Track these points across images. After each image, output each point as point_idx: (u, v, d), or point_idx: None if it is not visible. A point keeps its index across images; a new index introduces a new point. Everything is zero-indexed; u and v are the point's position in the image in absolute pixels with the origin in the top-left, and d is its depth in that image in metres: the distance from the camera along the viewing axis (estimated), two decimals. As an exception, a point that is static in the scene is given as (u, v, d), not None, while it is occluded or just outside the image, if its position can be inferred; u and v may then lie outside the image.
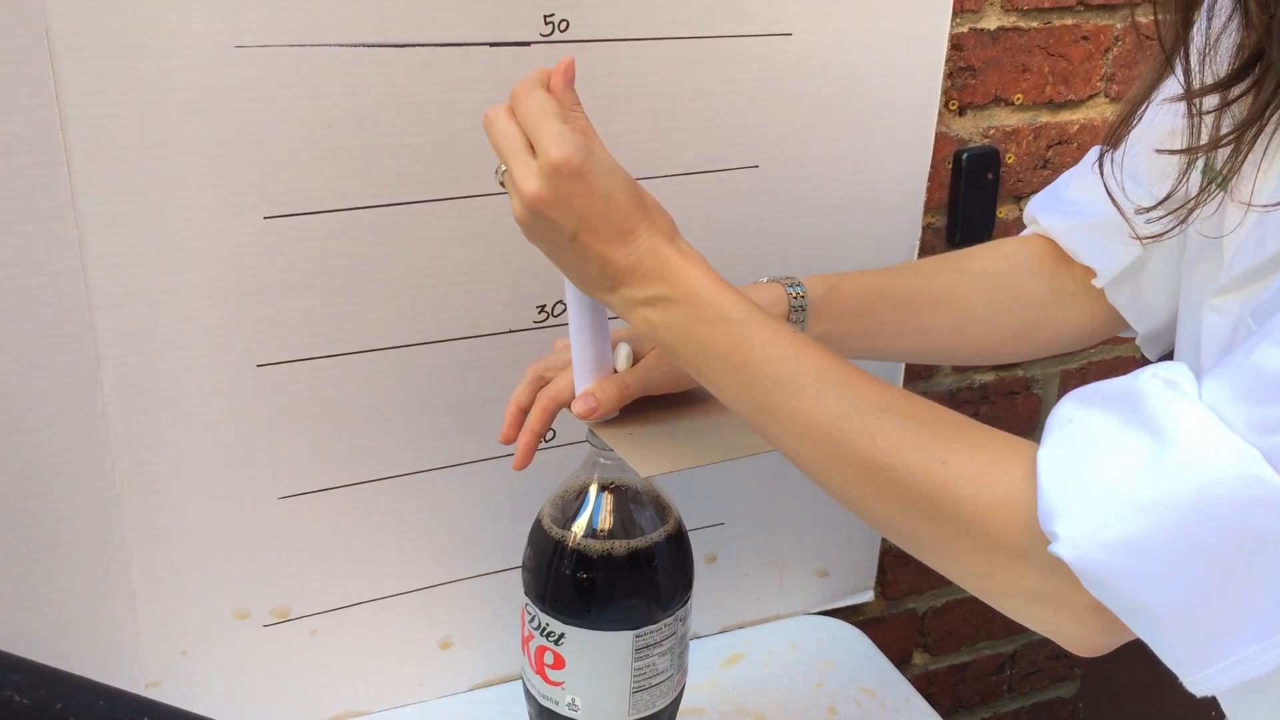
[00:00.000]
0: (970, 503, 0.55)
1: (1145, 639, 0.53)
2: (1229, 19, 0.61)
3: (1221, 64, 0.60)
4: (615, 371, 0.74)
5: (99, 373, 0.80)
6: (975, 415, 1.20)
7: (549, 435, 0.96)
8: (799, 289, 0.77)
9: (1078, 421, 0.54)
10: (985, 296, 0.83)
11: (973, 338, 0.83)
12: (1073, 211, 0.81)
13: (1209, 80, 0.60)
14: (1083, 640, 0.56)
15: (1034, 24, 1.06)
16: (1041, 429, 1.01)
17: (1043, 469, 0.53)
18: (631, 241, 0.64)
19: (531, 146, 0.63)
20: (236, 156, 0.78)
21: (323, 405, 0.87)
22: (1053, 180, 0.87)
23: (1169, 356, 0.81)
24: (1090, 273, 0.81)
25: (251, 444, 0.86)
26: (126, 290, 0.78)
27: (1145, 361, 0.84)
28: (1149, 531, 0.50)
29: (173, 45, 0.74)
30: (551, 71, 0.67)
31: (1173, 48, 0.61)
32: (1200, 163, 0.65)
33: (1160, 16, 0.61)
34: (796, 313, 0.77)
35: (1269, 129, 0.59)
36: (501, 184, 0.67)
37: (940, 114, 1.04)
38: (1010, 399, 1.22)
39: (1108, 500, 0.51)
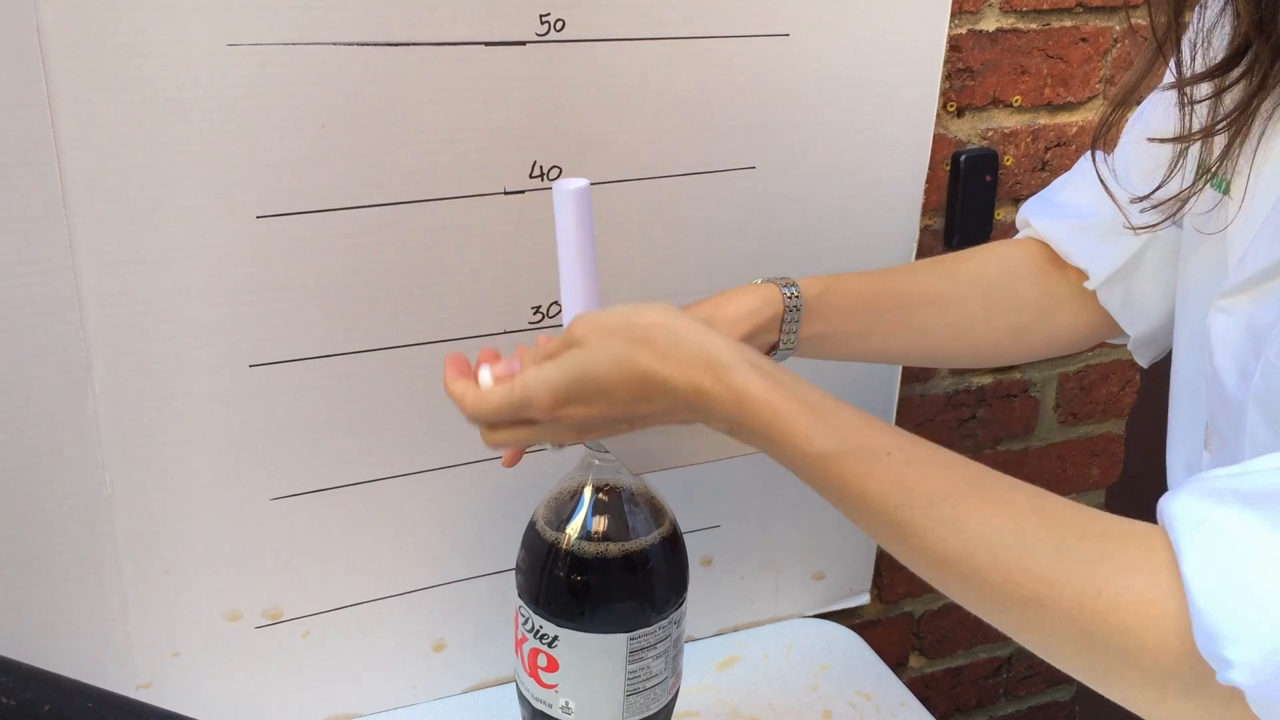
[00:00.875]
0: (1137, 635, 0.50)
1: None
2: (1221, 11, 0.62)
3: (1215, 54, 0.61)
4: None
5: (90, 373, 0.79)
6: (972, 418, 1.19)
7: (544, 437, 0.96)
8: (794, 289, 0.77)
9: (1213, 524, 0.49)
10: (980, 299, 0.82)
11: (967, 340, 0.83)
12: (1065, 214, 0.82)
13: (1201, 70, 0.60)
14: None
15: (1033, 26, 1.06)
16: (1040, 431, 1.01)
17: (1194, 588, 0.48)
18: (658, 397, 0.62)
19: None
20: (229, 155, 0.78)
21: (316, 406, 0.87)
22: (1051, 182, 0.87)
23: (1164, 362, 0.81)
24: (1083, 275, 0.81)
25: (244, 445, 0.85)
26: (118, 290, 0.78)
27: (1140, 366, 0.85)
28: None
29: (165, 43, 0.74)
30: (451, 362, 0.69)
31: (1164, 36, 0.61)
32: (1193, 155, 0.65)
33: (1155, 14, 0.61)
34: (791, 313, 0.76)
35: (1260, 119, 0.60)
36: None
37: (938, 115, 1.03)
38: (1008, 402, 1.22)
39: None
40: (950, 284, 0.83)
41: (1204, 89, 0.61)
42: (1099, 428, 1.29)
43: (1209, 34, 0.62)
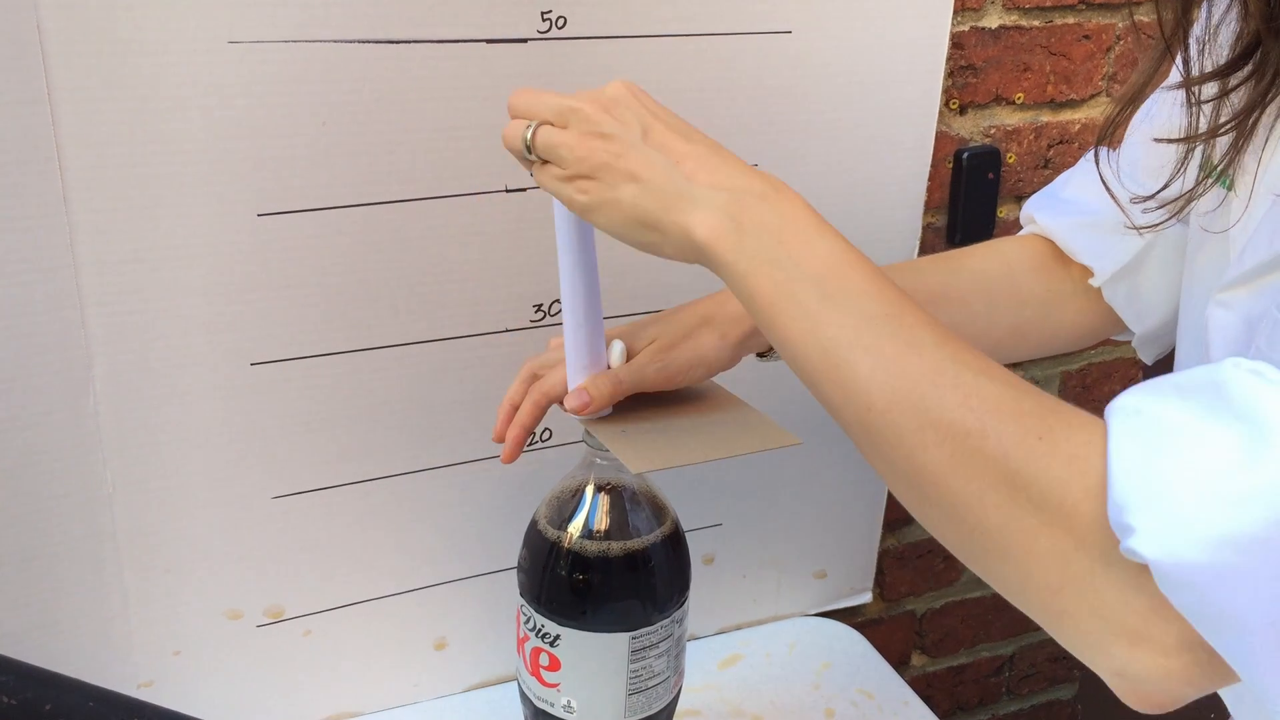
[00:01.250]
0: (1062, 485, 0.49)
1: (1231, 660, 0.47)
2: (1228, 9, 0.61)
3: (1221, 53, 0.60)
4: (609, 368, 0.74)
5: (91, 371, 0.79)
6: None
7: (545, 435, 0.96)
8: None
9: (1149, 411, 0.49)
10: (982, 295, 0.82)
11: (970, 337, 0.82)
12: (1070, 210, 0.81)
13: (1208, 69, 0.60)
14: (1158, 686, 0.49)
15: (1035, 23, 1.06)
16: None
17: (1115, 457, 0.48)
18: (705, 140, 0.61)
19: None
20: (230, 153, 0.78)
21: (317, 404, 0.86)
22: (1053, 180, 0.87)
23: (1167, 359, 0.81)
24: (1087, 272, 0.81)
25: (245, 443, 0.85)
26: (119, 288, 0.78)
27: (1144, 364, 0.85)
28: (1247, 527, 0.44)
29: (165, 41, 0.74)
30: None
31: (1171, 35, 0.61)
32: (1198, 155, 0.65)
33: (1162, 11, 0.61)
34: None
35: (1267, 119, 0.59)
36: (528, 147, 0.64)
37: (941, 113, 1.03)
38: (1010, 400, 1.22)
39: (1197, 492, 0.45)
40: (952, 281, 0.83)
41: (1210, 88, 0.61)
42: (1101, 426, 1.29)
43: (1215, 32, 0.61)
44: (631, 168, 0.61)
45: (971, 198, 1.09)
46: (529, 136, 0.64)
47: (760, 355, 0.80)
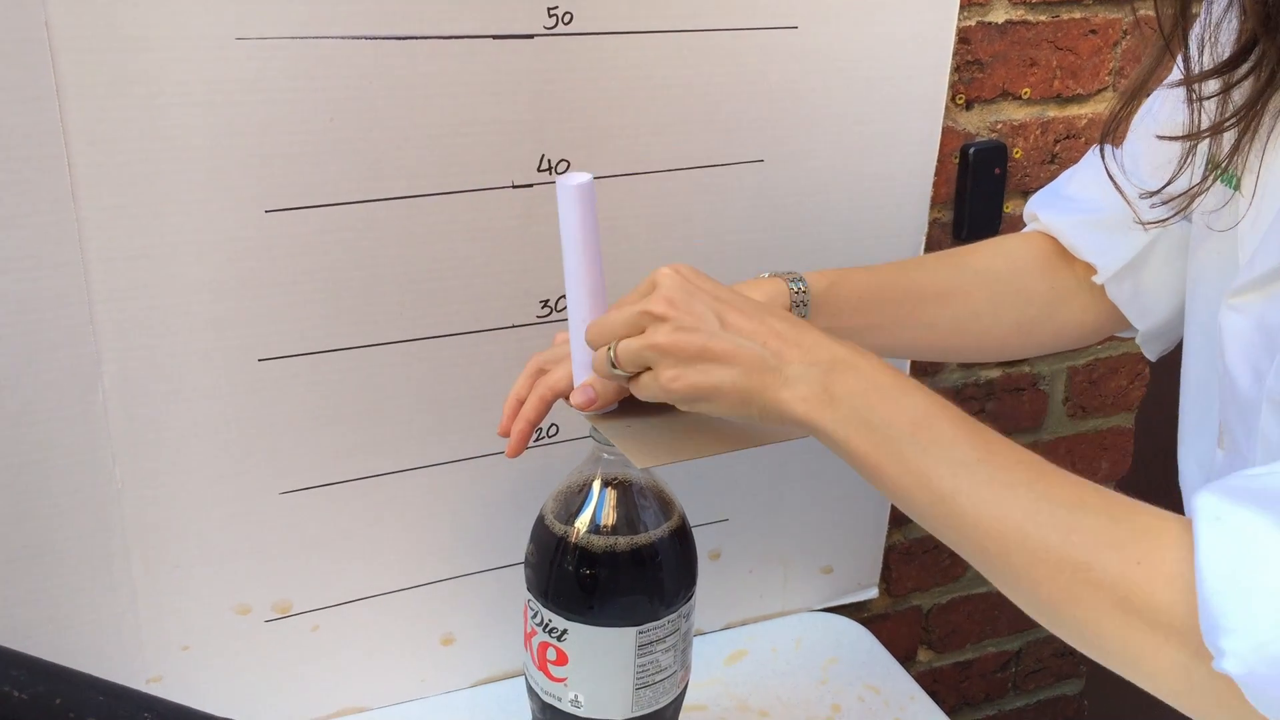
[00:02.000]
0: (1169, 608, 0.52)
1: None
2: (1228, 7, 0.61)
3: (1222, 50, 0.60)
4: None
5: (99, 367, 0.79)
6: (981, 411, 1.19)
7: (552, 431, 0.96)
8: (801, 284, 0.77)
9: (1230, 523, 0.51)
10: (987, 293, 0.82)
11: (974, 334, 0.83)
12: (1073, 208, 0.81)
13: (1208, 66, 0.60)
14: None
15: (1042, 18, 1.06)
16: (1049, 425, 1.01)
17: (1204, 579, 0.50)
18: (778, 316, 0.64)
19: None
20: (237, 150, 0.78)
21: (324, 400, 0.87)
22: (1059, 175, 0.86)
23: (1173, 356, 0.81)
24: (1091, 269, 0.81)
25: (252, 439, 0.85)
26: (127, 284, 0.78)
27: (1149, 360, 0.85)
28: None
29: (173, 38, 0.74)
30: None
31: (1171, 33, 0.61)
32: (1203, 152, 0.65)
33: (1161, 8, 0.61)
34: (798, 308, 0.76)
35: (1269, 116, 0.59)
36: (616, 365, 0.67)
37: (947, 108, 1.03)
38: (1016, 395, 1.22)
39: (1276, 611, 0.49)
40: (958, 278, 0.83)
41: (1212, 85, 0.61)
42: (1108, 421, 1.29)
43: (1216, 29, 0.62)
44: (722, 353, 0.64)
45: (978, 193, 1.09)
46: (613, 356, 0.67)
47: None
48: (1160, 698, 0.55)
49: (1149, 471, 1.29)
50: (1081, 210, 0.80)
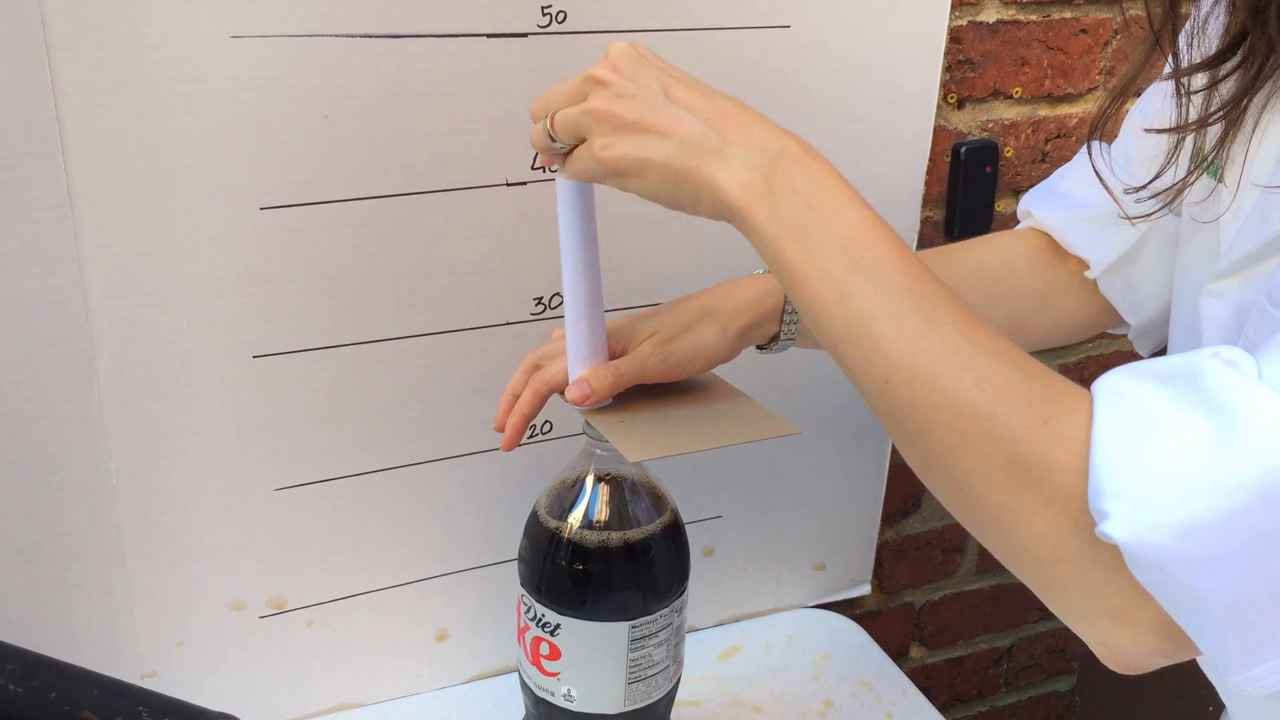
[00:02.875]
0: (1060, 471, 0.51)
1: (1193, 635, 0.51)
2: (1216, 2, 0.62)
3: (1210, 45, 0.61)
4: (609, 360, 0.74)
5: (95, 364, 0.80)
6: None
7: (545, 427, 0.96)
8: None
9: (1129, 395, 0.51)
10: (979, 289, 0.83)
11: None
12: (1066, 204, 0.82)
13: (1197, 60, 0.61)
14: (1132, 657, 0.53)
15: (1033, 17, 1.06)
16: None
17: (1097, 443, 0.50)
18: (726, 97, 0.60)
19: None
20: (233, 147, 0.78)
21: (320, 397, 0.87)
22: (1051, 174, 0.87)
23: (1162, 351, 0.81)
24: (1084, 265, 0.81)
25: (248, 435, 0.86)
26: (123, 281, 0.78)
27: (1140, 357, 0.85)
28: (1210, 514, 0.47)
29: (169, 35, 0.74)
30: None
31: (1160, 29, 0.62)
32: (1189, 146, 0.65)
33: (1151, 5, 0.62)
34: (791, 304, 0.77)
35: (1255, 109, 0.60)
36: (551, 137, 0.64)
37: (939, 107, 1.04)
38: (1008, 393, 1.22)
39: (1167, 480, 0.48)
40: (950, 274, 0.82)
41: (1200, 79, 0.61)
42: (1099, 419, 1.29)
43: (1204, 24, 0.62)
44: (660, 124, 0.60)
45: (969, 192, 1.09)
46: (549, 125, 0.63)
47: (760, 348, 0.80)
48: (1025, 566, 0.54)
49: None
50: (1074, 206, 0.81)
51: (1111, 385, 0.52)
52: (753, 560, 1.11)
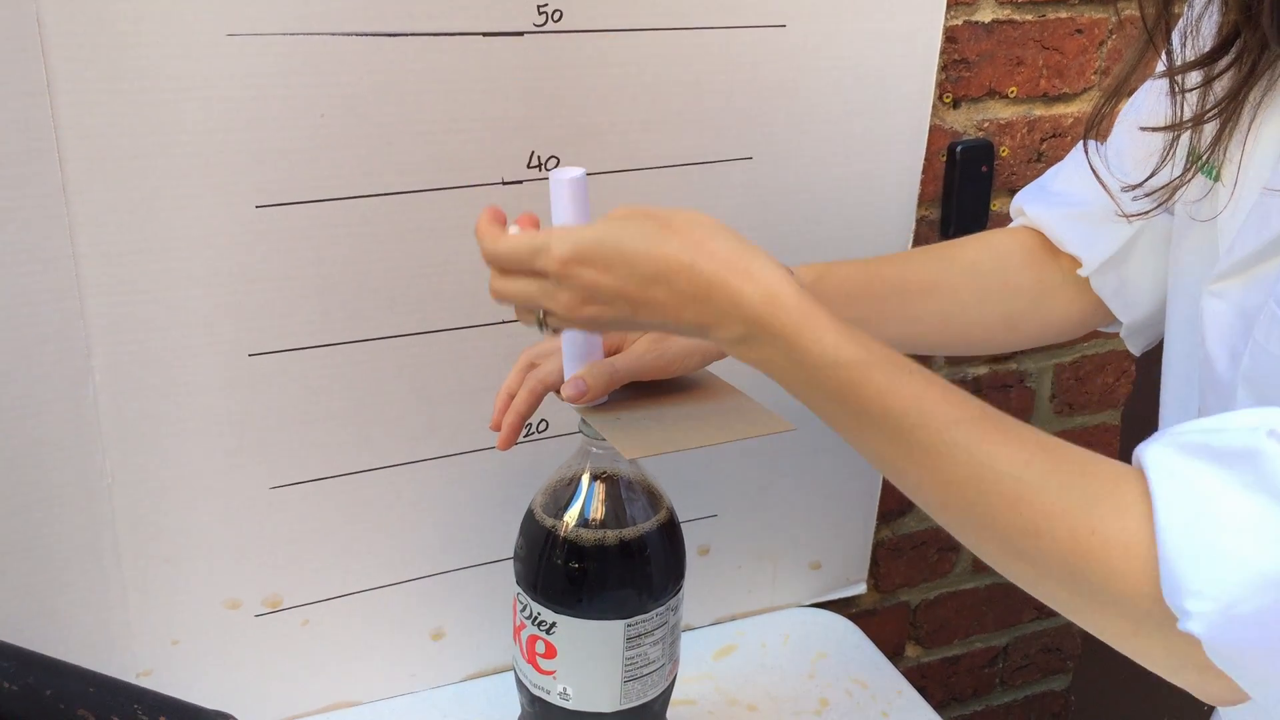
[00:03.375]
0: (1120, 576, 0.52)
1: (1263, 702, 0.53)
2: (1209, 1, 0.62)
3: (1204, 43, 0.61)
4: (604, 358, 0.74)
5: (90, 361, 0.79)
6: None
7: (541, 426, 0.96)
8: None
9: (1186, 479, 0.51)
10: (973, 286, 0.83)
11: (960, 327, 0.83)
12: (1059, 202, 0.82)
13: (1190, 58, 0.61)
14: (1229, 697, 0.54)
15: (1028, 17, 1.07)
16: (1036, 422, 1.00)
17: (1164, 538, 0.51)
18: (678, 281, 0.59)
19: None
20: (228, 145, 0.78)
21: (315, 395, 0.87)
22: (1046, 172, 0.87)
23: (1156, 350, 0.81)
24: (1076, 262, 0.81)
25: (243, 434, 0.86)
26: (118, 279, 0.78)
27: (1133, 355, 0.85)
28: None
29: (165, 33, 0.74)
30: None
31: (1154, 27, 0.62)
32: (1184, 144, 0.66)
33: (1144, 4, 0.62)
34: None
35: (1249, 107, 0.60)
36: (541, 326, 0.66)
37: (934, 106, 1.04)
38: (1004, 392, 1.22)
39: (1238, 573, 0.49)
40: (943, 272, 0.83)
41: (1194, 77, 0.62)
42: (1094, 418, 1.30)
43: (1198, 23, 0.62)
44: (642, 322, 0.63)
45: (965, 191, 1.10)
46: (543, 318, 0.65)
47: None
48: (1106, 640, 0.56)
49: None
50: (1067, 204, 0.81)
51: (1163, 463, 0.52)
52: (748, 559, 1.11)
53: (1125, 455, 0.56)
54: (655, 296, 0.60)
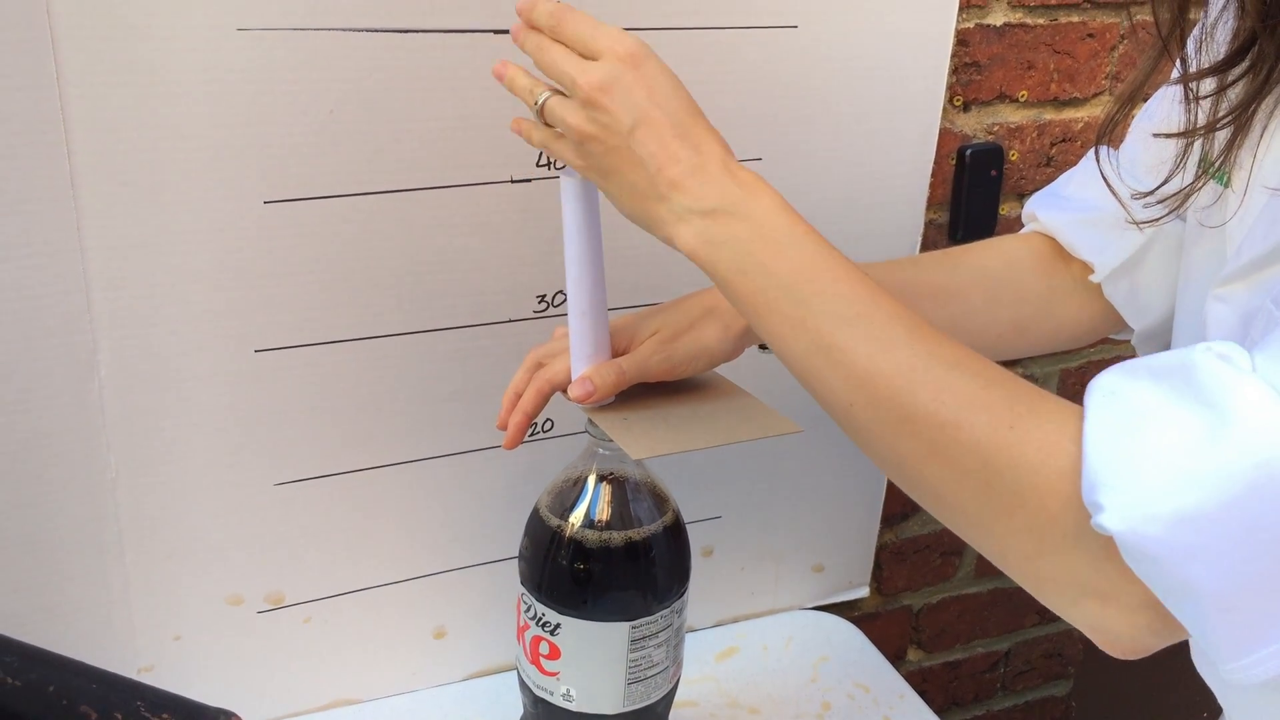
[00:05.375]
0: (1034, 472, 0.53)
1: (1186, 624, 0.52)
2: (1224, 7, 0.62)
3: (1218, 50, 0.61)
4: (612, 358, 0.74)
5: (96, 356, 0.79)
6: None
7: (547, 426, 0.96)
8: None
9: (1123, 393, 0.52)
10: (983, 291, 0.83)
11: (969, 332, 0.83)
12: (1071, 208, 0.82)
13: (1205, 65, 0.61)
14: (1128, 639, 0.54)
15: (1040, 21, 1.06)
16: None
17: (1089, 438, 0.51)
18: (693, 143, 0.62)
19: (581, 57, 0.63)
20: (237, 140, 0.78)
21: (320, 392, 0.87)
22: (1057, 178, 0.87)
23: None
24: (1088, 268, 0.81)
25: (248, 430, 0.86)
26: (125, 273, 0.78)
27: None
28: (1203, 506, 0.48)
29: (174, 27, 0.74)
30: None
31: (1169, 35, 0.62)
32: (1196, 151, 0.65)
33: (1159, 10, 0.62)
34: None
35: (1263, 114, 0.60)
36: (540, 115, 0.66)
37: (944, 109, 1.03)
38: (1009, 397, 1.22)
39: (1160, 472, 0.49)
40: (952, 276, 0.83)
41: (1208, 84, 0.61)
42: (1100, 424, 1.29)
43: (1213, 29, 0.62)
44: (614, 165, 0.64)
45: (974, 195, 1.09)
46: (540, 103, 0.66)
47: (762, 347, 0.80)
48: (1010, 563, 0.56)
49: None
50: (1079, 210, 0.81)
51: (1106, 384, 0.53)
52: (751, 561, 1.10)
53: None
54: (665, 128, 0.62)
